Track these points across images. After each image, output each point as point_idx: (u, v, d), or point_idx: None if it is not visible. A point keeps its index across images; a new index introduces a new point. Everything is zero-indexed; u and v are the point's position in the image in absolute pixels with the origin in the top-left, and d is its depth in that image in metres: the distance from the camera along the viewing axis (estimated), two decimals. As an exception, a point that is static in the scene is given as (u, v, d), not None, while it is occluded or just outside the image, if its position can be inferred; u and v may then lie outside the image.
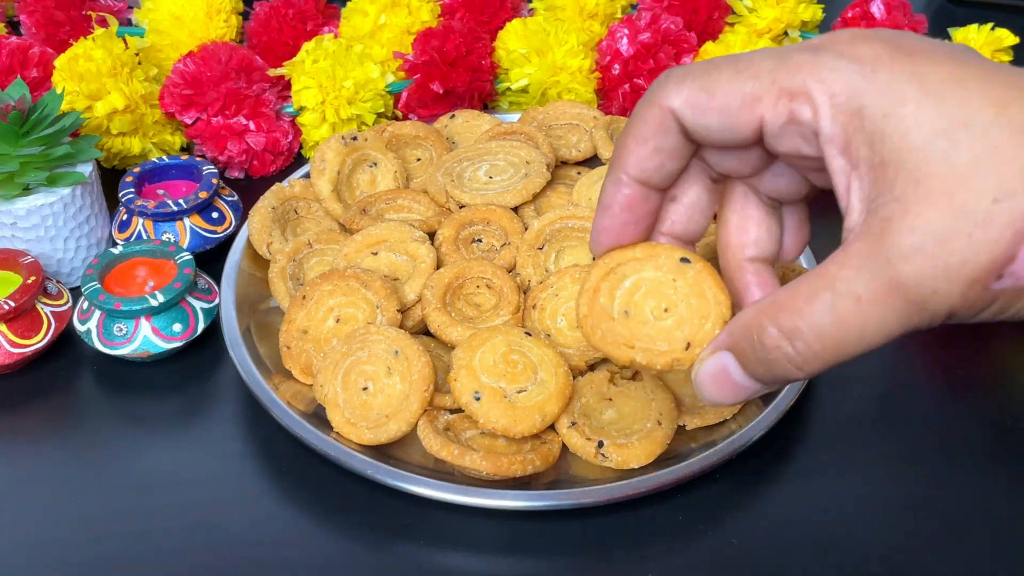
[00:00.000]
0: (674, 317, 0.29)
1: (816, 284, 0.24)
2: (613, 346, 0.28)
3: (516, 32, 0.66)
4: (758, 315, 0.25)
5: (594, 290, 0.29)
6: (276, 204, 0.54)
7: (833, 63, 0.24)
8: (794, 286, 0.24)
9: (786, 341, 0.24)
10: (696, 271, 0.29)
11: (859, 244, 0.23)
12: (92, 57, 0.59)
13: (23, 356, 0.48)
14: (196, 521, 0.42)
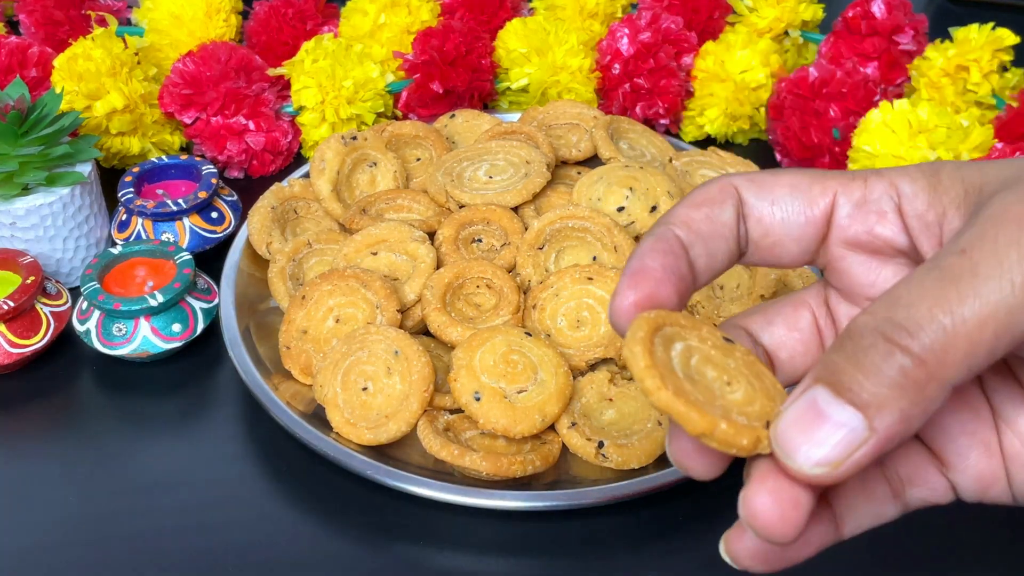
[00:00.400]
0: (741, 391, 0.23)
1: (959, 271, 0.19)
2: (693, 407, 0.21)
3: (516, 32, 0.66)
4: (867, 317, 0.20)
5: (648, 339, 0.22)
6: (276, 204, 0.54)
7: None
8: (915, 283, 0.20)
9: (908, 336, 0.19)
10: (744, 353, 0.24)
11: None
12: (91, 57, 0.58)
13: (22, 356, 0.48)
14: (195, 521, 0.42)
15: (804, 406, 0.20)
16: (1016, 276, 0.19)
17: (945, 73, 0.63)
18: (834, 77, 0.61)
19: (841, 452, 0.19)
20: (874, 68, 0.66)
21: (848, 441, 0.19)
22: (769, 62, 0.65)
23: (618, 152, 0.56)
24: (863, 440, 0.19)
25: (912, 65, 0.66)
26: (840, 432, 0.19)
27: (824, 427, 0.19)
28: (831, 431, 0.19)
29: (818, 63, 0.64)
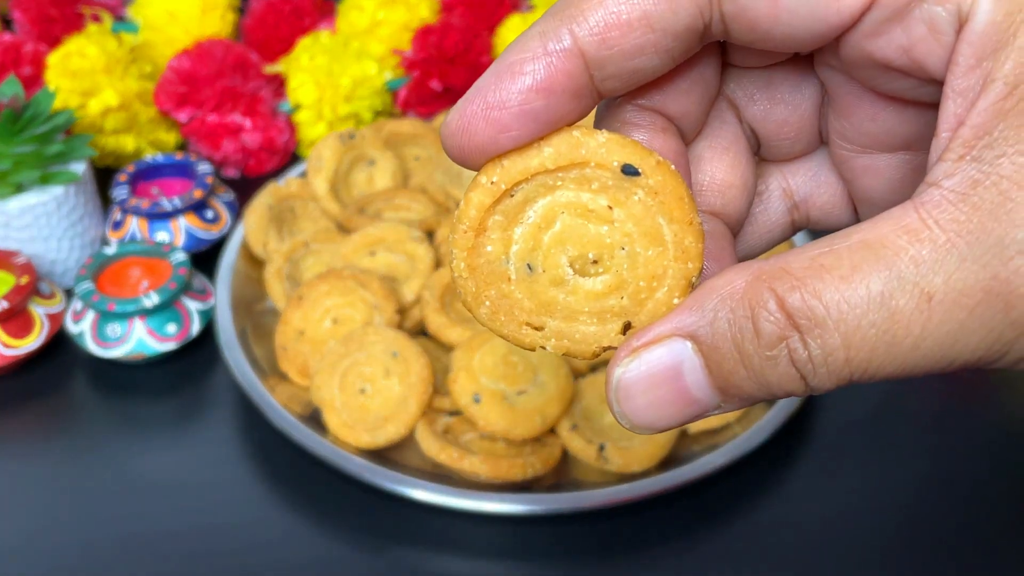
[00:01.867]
0: (609, 275, 0.18)
1: (865, 255, 0.15)
2: (509, 325, 0.18)
3: (515, 28, 0.66)
4: (755, 284, 0.16)
5: (476, 230, 0.18)
6: (272, 203, 0.53)
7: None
8: (823, 250, 0.16)
9: (797, 334, 0.16)
10: (649, 191, 0.17)
11: (953, 212, 0.15)
12: (86, 54, 0.58)
13: (16, 358, 0.47)
14: (190, 525, 0.41)
15: (666, 363, 0.17)
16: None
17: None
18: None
19: (671, 423, 0.17)
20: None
21: (690, 416, 0.17)
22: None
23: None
24: (703, 414, 0.17)
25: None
26: (689, 409, 0.17)
27: (676, 399, 0.17)
28: (681, 406, 0.17)
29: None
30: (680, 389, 0.17)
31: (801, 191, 0.22)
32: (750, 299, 0.16)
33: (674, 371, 0.17)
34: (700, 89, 0.20)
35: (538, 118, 0.17)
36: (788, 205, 0.22)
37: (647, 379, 0.17)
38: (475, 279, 0.18)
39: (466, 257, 0.18)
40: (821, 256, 0.16)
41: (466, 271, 0.18)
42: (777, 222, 0.22)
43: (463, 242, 0.18)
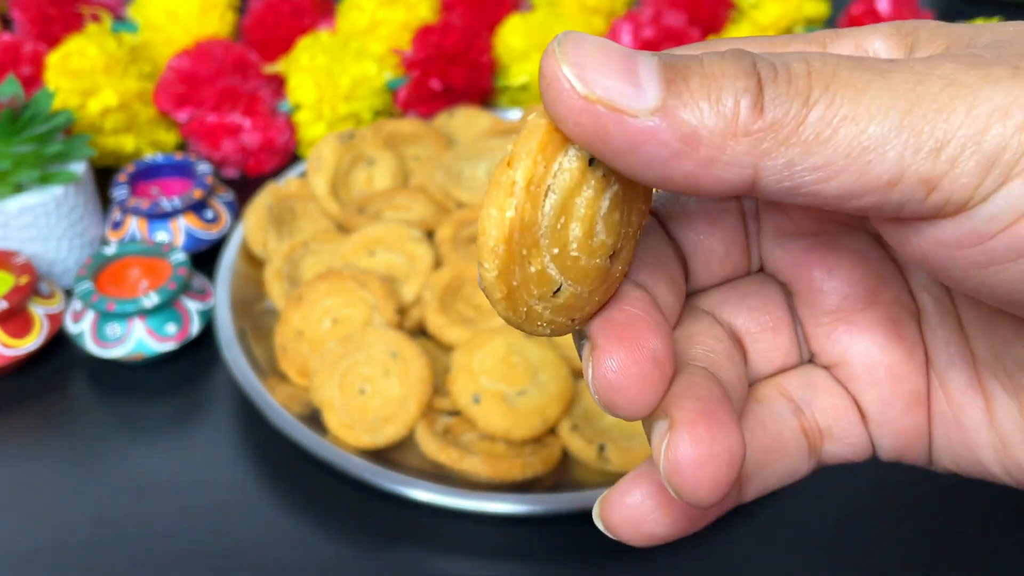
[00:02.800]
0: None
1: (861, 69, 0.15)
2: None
3: (516, 28, 0.66)
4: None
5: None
6: (272, 203, 0.53)
7: None
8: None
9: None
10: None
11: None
12: (85, 54, 0.58)
13: (15, 358, 0.47)
14: (190, 525, 0.41)
15: (625, 50, 0.15)
16: (922, 107, 0.15)
17: (950, 70, 0.62)
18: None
19: (608, 96, 0.15)
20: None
21: (625, 97, 0.15)
22: (772, 59, 0.65)
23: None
24: (635, 111, 0.15)
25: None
26: (629, 86, 0.15)
27: (622, 69, 0.15)
28: (623, 78, 0.15)
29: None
30: (629, 62, 0.15)
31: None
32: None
33: (631, 56, 0.15)
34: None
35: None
36: (792, 408, 0.21)
37: (605, 44, 0.15)
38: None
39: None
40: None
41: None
42: (788, 435, 0.21)
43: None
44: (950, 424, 0.20)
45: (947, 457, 0.20)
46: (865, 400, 0.20)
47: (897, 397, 0.20)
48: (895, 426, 0.20)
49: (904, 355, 0.20)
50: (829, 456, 0.21)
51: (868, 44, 0.19)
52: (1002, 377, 0.19)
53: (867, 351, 0.20)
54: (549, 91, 0.15)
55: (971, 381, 0.20)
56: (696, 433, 0.17)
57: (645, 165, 0.15)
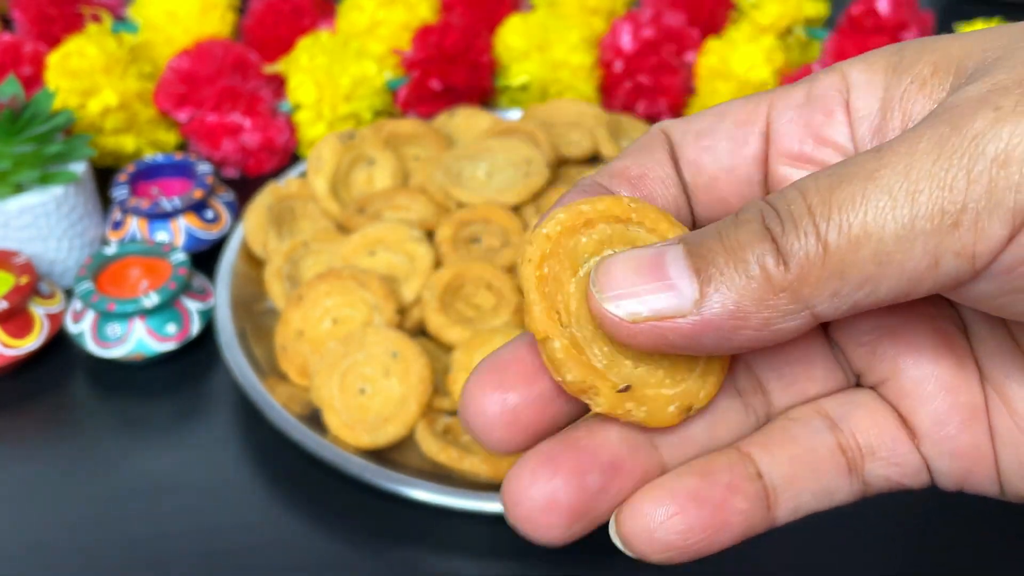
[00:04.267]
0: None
1: (858, 170, 0.16)
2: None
3: (516, 28, 0.66)
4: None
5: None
6: (272, 203, 0.53)
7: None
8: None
9: (767, 203, 0.16)
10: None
11: (924, 129, 0.16)
12: (85, 54, 0.58)
13: (16, 358, 0.47)
14: (191, 525, 0.41)
15: (651, 253, 0.17)
16: (922, 190, 0.15)
17: (950, 70, 0.62)
18: (838, 74, 0.60)
19: (653, 310, 0.16)
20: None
21: (667, 304, 0.16)
22: (772, 59, 0.65)
23: (620, 150, 0.55)
24: (681, 312, 0.16)
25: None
26: (666, 293, 0.16)
27: (654, 279, 0.16)
28: (658, 287, 0.16)
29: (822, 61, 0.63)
30: (659, 268, 0.16)
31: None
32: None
33: (658, 258, 0.17)
34: None
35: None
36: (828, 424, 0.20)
37: (631, 259, 0.17)
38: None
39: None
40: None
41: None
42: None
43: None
44: (1018, 441, 0.18)
45: (1020, 479, 0.19)
46: (917, 417, 0.19)
47: (952, 412, 0.19)
48: (953, 445, 0.19)
49: (955, 367, 0.19)
50: (876, 478, 0.19)
51: (849, 75, 0.19)
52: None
53: (915, 363, 0.19)
54: (605, 325, 0.17)
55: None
56: (526, 471, 0.17)
57: (714, 346, 0.16)
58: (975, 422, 0.19)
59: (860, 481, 0.19)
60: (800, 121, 0.19)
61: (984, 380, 0.19)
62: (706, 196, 0.20)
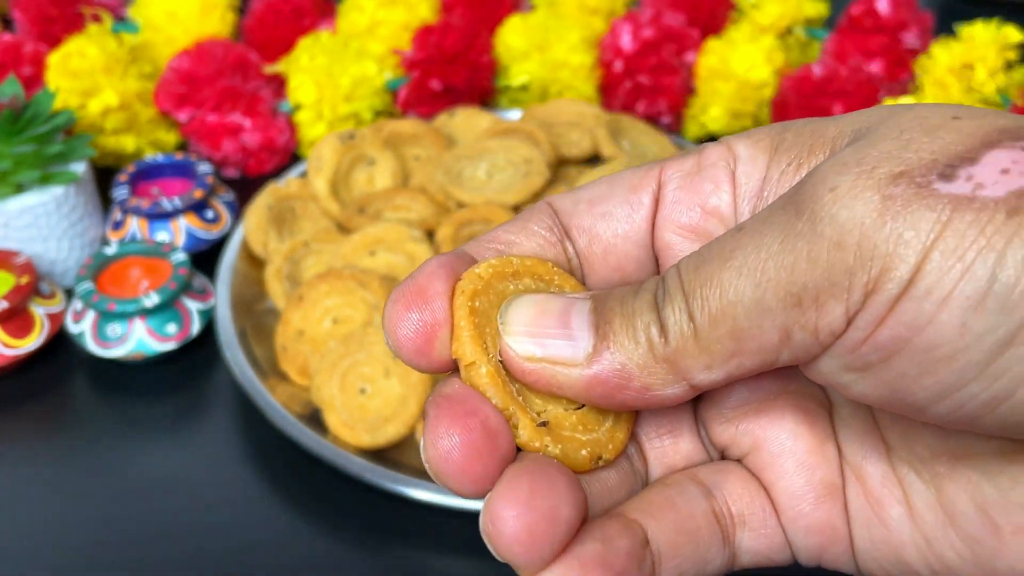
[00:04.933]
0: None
1: (717, 250, 0.17)
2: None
3: (516, 28, 0.66)
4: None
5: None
6: (272, 203, 0.53)
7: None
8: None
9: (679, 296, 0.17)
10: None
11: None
12: (86, 54, 0.58)
13: (16, 358, 0.47)
14: (191, 525, 0.41)
15: (561, 303, 0.18)
16: (769, 270, 0.16)
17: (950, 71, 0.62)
18: (838, 75, 0.61)
19: (548, 355, 0.17)
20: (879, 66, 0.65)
21: (562, 352, 0.17)
22: (773, 59, 0.65)
23: (620, 150, 0.55)
24: (573, 361, 0.17)
25: (917, 63, 0.65)
26: (564, 342, 0.17)
27: (557, 327, 0.18)
28: (559, 335, 0.17)
29: (822, 60, 0.63)
30: (564, 317, 0.18)
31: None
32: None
33: (566, 308, 0.18)
34: None
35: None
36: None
37: (541, 302, 0.18)
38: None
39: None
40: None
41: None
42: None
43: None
44: (871, 522, 0.19)
45: (872, 560, 0.19)
46: (776, 490, 0.19)
47: (808, 488, 0.19)
48: (808, 521, 0.19)
49: (814, 445, 0.19)
50: (747, 552, 0.19)
51: (736, 148, 0.19)
52: (917, 466, 0.18)
53: (775, 438, 0.20)
54: (503, 357, 0.18)
55: (888, 473, 0.19)
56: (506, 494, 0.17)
57: (600, 399, 0.17)
58: (830, 500, 0.19)
59: (731, 551, 0.19)
60: (690, 188, 0.19)
61: (843, 460, 0.19)
62: (602, 263, 0.20)
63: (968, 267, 0.14)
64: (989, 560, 0.17)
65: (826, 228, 0.15)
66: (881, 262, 0.15)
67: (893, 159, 0.15)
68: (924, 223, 0.15)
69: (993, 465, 0.17)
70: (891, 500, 0.18)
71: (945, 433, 0.18)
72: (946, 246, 0.15)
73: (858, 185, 0.15)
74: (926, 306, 0.15)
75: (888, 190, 0.15)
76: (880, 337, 0.15)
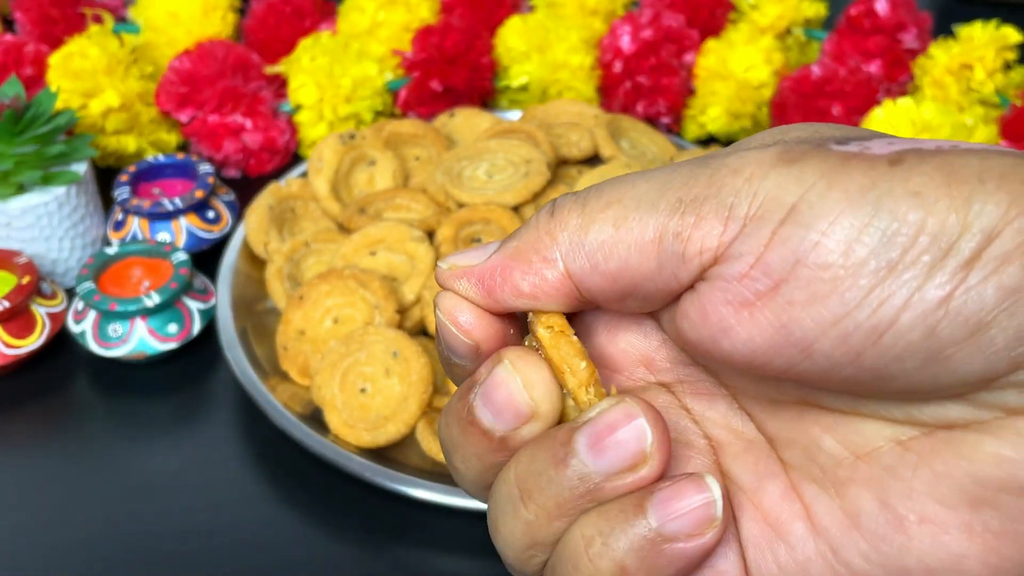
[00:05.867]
0: None
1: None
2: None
3: (516, 29, 0.66)
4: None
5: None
6: (273, 203, 0.54)
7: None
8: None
9: None
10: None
11: None
12: (87, 55, 0.58)
13: (17, 358, 0.47)
14: (192, 524, 0.41)
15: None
16: (673, 176, 0.18)
17: (949, 71, 0.63)
18: (837, 75, 0.61)
19: (462, 259, 0.20)
20: (877, 66, 0.65)
21: (475, 255, 0.20)
22: (771, 60, 0.65)
23: (619, 151, 0.55)
24: (481, 260, 0.19)
25: (916, 63, 0.65)
26: (474, 252, 0.20)
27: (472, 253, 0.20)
28: (473, 254, 0.20)
29: (821, 61, 0.63)
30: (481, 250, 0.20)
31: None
32: None
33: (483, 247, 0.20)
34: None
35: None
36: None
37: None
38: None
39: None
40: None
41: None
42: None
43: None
44: (773, 545, 0.18)
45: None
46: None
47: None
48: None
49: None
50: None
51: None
52: (818, 475, 0.18)
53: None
54: (437, 276, 0.20)
55: (787, 490, 0.19)
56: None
57: (495, 286, 0.19)
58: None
59: None
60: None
61: (734, 491, 0.19)
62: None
63: (851, 200, 0.16)
64: (898, 557, 0.17)
65: (727, 159, 0.17)
66: (767, 193, 0.16)
67: (797, 137, 0.17)
68: (813, 167, 0.16)
69: (894, 457, 0.17)
70: (791, 516, 0.18)
71: (848, 430, 0.18)
72: (832, 182, 0.16)
73: (762, 148, 0.17)
74: (811, 234, 0.16)
75: (787, 148, 0.17)
76: (768, 259, 0.16)
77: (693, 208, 0.17)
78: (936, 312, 0.15)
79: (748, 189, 0.16)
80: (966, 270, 0.15)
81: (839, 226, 0.16)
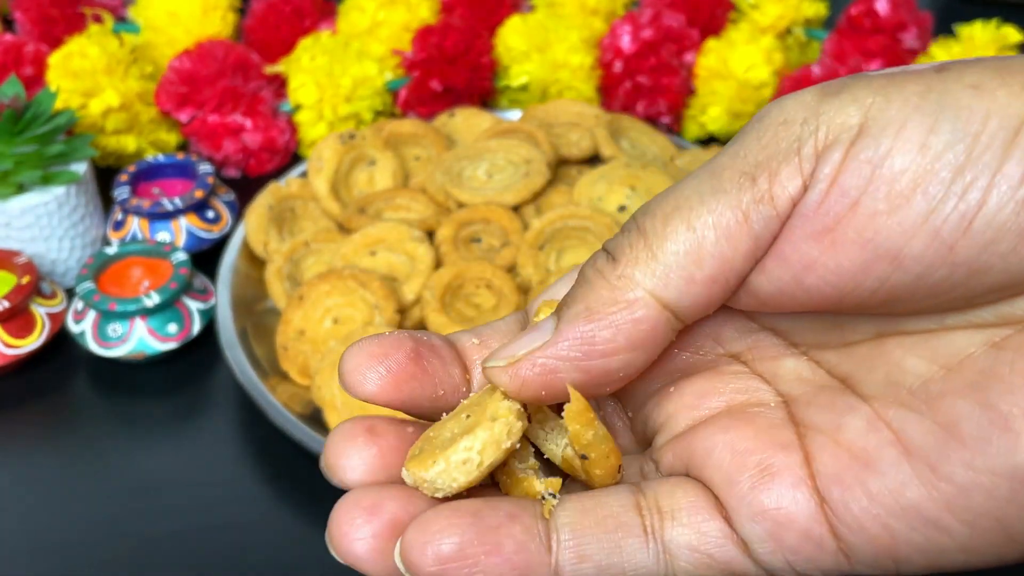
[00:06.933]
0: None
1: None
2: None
3: (516, 29, 0.66)
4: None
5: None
6: (273, 203, 0.54)
7: None
8: None
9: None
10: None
11: None
12: (87, 54, 0.58)
13: (17, 357, 0.47)
14: (191, 524, 0.41)
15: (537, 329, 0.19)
16: (721, 160, 0.18)
17: (949, 71, 0.62)
18: (837, 75, 0.61)
19: (519, 349, 0.18)
20: (878, 66, 0.65)
21: (531, 339, 0.18)
22: (772, 60, 0.65)
23: (619, 151, 0.55)
24: (544, 340, 0.18)
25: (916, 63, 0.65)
26: (530, 335, 0.19)
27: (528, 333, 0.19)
28: (524, 336, 0.19)
29: (821, 61, 0.63)
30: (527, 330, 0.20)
31: None
32: None
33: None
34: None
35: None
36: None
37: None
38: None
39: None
40: None
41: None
42: None
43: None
44: (862, 476, 0.18)
45: (869, 518, 0.17)
46: (715, 485, 0.19)
47: (741, 471, 0.19)
48: (752, 508, 0.18)
49: (749, 433, 0.19)
50: (682, 547, 0.18)
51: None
52: (905, 398, 0.18)
53: (706, 437, 0.20)
54: (490, 377, 0.20)
55: (870, 421, 0.18)
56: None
57: (580, 364, 0.18)
58: (770, 480, 0.18)
59: (659, 546, 0.19)
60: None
61: (807, 434, 0.19)
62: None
63: (914, 105, 0.16)
64: (1007, 456, 0.16)
65: (771, 112, 0.17)
66: (828, 123, 0.16)
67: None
68: (862, 90, 0.16)
69: (989, 360, 0.17)
70: (880, 444, 0.18)
71: (934, 346, 0.18)
72: (888, 96, 0.16)
73: (795, 96, 0.17)
74: (882, 144, 0.16)
75: (823, 86, 0.17)
76: (843, 179, 0.16)
77: (762, 170, 0.17)
78: (1021, 188, 0.16)
79: (807, 128, 0.17)
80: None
81: (908, 130, 0.16)
